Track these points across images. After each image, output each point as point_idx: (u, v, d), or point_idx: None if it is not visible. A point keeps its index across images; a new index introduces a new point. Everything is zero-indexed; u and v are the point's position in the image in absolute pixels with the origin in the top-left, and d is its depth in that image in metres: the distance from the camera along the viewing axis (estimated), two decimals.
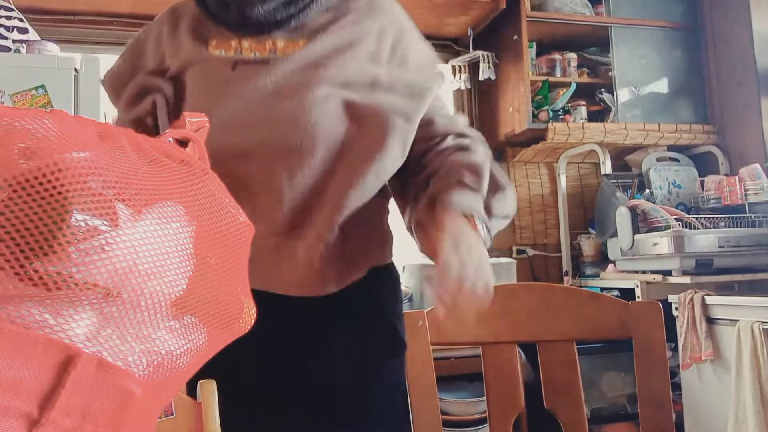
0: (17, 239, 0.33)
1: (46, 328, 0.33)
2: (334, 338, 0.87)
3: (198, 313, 0.37)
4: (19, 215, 0.33)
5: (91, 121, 0.36)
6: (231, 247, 0.41)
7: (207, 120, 0.47)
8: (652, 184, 2.82)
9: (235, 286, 0.41)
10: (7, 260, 0.33)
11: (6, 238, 0.33)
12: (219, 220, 0.41)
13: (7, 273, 0.33)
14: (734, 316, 2.13)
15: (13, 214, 0.33)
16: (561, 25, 2.91)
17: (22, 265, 0.33)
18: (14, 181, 0.33)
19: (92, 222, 0.33)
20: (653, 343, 1.01)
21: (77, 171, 0.33)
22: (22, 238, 0.33)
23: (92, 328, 0.34)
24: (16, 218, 0.33)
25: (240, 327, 0.41)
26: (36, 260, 0.33)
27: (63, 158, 0.33)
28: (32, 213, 0.33)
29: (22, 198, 0.33)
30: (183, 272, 0.36)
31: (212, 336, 0.39)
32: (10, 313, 0.33)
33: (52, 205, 0.32)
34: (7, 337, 0.33)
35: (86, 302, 0.33)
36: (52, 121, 0.34)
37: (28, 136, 0.33)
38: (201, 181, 0.41)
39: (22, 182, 0.32)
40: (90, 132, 0.35)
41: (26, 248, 0.33)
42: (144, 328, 0.35)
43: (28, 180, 0.32)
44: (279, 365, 0.85)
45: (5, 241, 0.33)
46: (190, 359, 0.38)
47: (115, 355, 0.34)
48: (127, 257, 0.34)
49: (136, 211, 0.35)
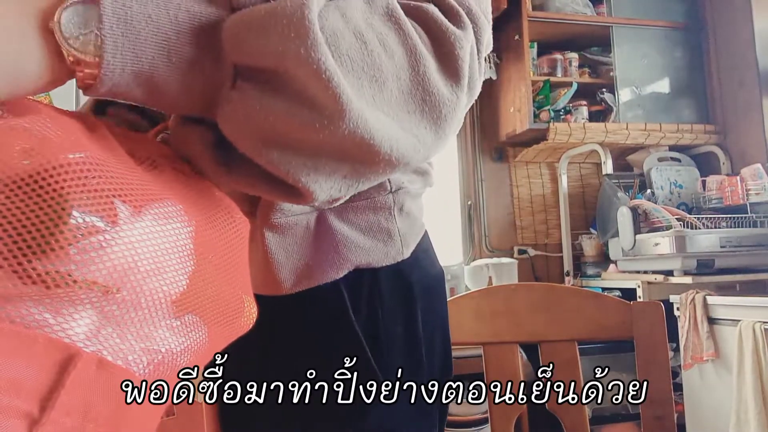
0: (15, 237, 0.33)
1: (46, 327, 0.33)
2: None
3: (199, 311, 0.37)
4: (16, 213, 0.33)
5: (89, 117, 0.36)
6: (230, 244, 0.41)
7: None
8: (653, 184, 2.82)
9: (235, 283, 0.41)
10: (6, 258, 0.33)
11: (4, 237, 0.33)
12: (217, 217, 0.41)
13: (6, 271, 0.33)
14: (736, 316, 2.12)
15: (10, 212, 0.33)
16: (562, 24, 2.91)
17: (20, 264, 0.33)
18: (18, 177, 0.32)
19: (91, 220, 0.33)
20: (655, 344, 1.00)
21: (77, 169, 0.33)
22: (20, 236, 0.33)
23: (92, 327, 0.34)
24: (13, 216, 0.33)
25: (241, 324, 0.41)
26: (35, 258, 0.33)
27: (63, 158, 0.33)
28: (29, 211, 0.33)
29: (18, 197, 0.33)
30: (183, 270, 0.35)
31: (213, 334, 0.39)
32: (9, 312, 0.33)
33: (50, 204, 0.32)
34: (7, 337, 0.33)
35: (86, 301, 0.33)
36: (51, 121, 0.34)
37: (28, 135, 0.33)
38: (198, 177, 0.40)
39: (19, 181, 0.32)
40: (88, 129, 0.35)
41: (24, 247, 0.33)
42: (144, 327, 0.35)
43: (24, 179, 0.32)
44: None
45: (3, 240, 0.33)
46: (190, 357, 0.38)
47: (115, 354, 0.34)
48: (127, 255, 0.33)
49: (136, 210, 0.35)
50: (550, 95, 2.85)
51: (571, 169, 3.13)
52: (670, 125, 2.90)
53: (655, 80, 2.99)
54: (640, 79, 2.95)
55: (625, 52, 2.94)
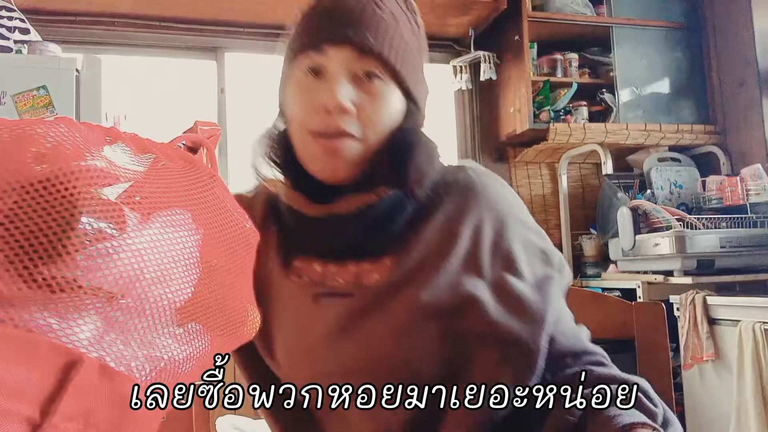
0: (22, 242, 0.33)
1: (50, 333, 0.33)
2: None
3: (202, 319, 0.37)
4: (23, 218, 0.33)
5: (98, 127, 0.36)
6: (237, 253, 0.41)
7: (219, 128, 0.47)
8: (653, 185, 2.82)
9: (240, 292, 0.41)
10: (12, 262, 0.33)
11: (11, 241, 0.33)
12: (225, 226, 0.41)
13: (11, 275, 0.33)
14: (736, 316, 2.12)
15: (18, 217, 0.33)
16: (562, 25, 2.91)
17: (26, 268, 0.33)
18: (27, 182, 0.32)
19: (100, 227, 0.33)
20: (655, 344, 1.00)
21: (87, 176, 0.33)
22: (27, 240, 0.33)
23: (96, 332, 0.34)
24: (21, 221, 0.33)
25: (244, 334, 0.41)
26: (41, 263, 0.33)
27: (74, 165, 0.33)
28: (37, 216, 0.33)
29: (26, 201, 0.33)
30: (188, 279, 0.35)
31: (216, 342, 0.39)
32: (13, 316, 0.33)
33: (59, 210, 0.32)
34: (11, 341, 0.33)
35: (91, 307, 0.33)
36: (66, 128, 0.34)
37: (42, 141, 0.33)
38: (208, 186, 0.40)
39: (28, 187, 0.32)
40: (99, 137, 0.35)
41: (31, 251, 0.33)
42: (148, 334, 0.35)
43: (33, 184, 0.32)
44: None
45: (10, 244, 0.33)
46: (192, 365, 0.38)
47: (118, 360, 0.34)
48: (133, 263, 0.33)
49: (144, 217, 0.35)
50: (550, 95, 2.85)
51: (571, 169, 3.13)
52: (670, 125, 2.90)
53: (655, 80, 2.99)
54: (640, 80, 2.95)
55: (625, 52, 2.94)
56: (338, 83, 0.68)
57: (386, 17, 0.71)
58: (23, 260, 0.33)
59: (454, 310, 0.70)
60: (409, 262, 0.71)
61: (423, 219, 0.74)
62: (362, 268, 0.73)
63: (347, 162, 0.70)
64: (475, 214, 0.74)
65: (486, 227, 0.74)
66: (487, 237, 0.73)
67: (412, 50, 0.74)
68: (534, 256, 0.76)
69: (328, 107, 0.68)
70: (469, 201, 0.75)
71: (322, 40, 0.70)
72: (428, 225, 0.74)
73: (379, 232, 0.73)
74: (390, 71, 0.71)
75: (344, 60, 0.69)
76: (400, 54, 0.72)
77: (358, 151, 0.70)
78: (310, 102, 0.70)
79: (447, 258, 0.71)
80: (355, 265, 0.74)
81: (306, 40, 0.71)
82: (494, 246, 0.73)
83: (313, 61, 0.71)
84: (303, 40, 0.72)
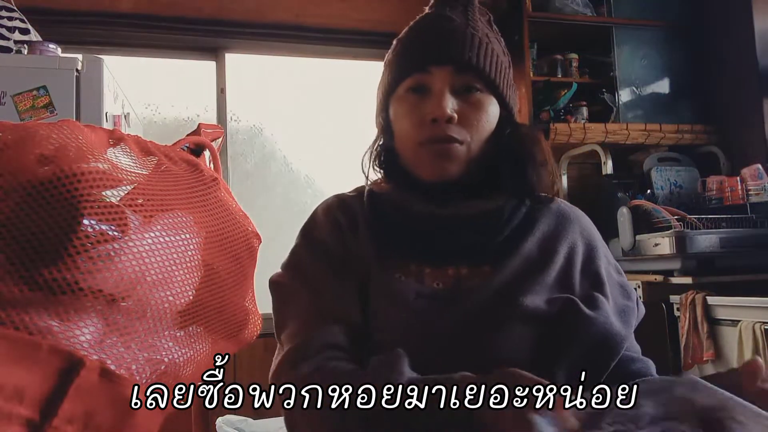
0: (23, 243, 0.33)
1: (50, 335, 0.33)
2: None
3: (203, 323, 0.37)
4: (24, 220, 0.33)
5: (101, 129, 0.36)
6: (239, 256, 0.41)
7: (222, 130, 0.47)
8: (653, 185, 2.82)
9: (241, 295, 0.41)
10: (13, 264, 0.33)
11: (13, 243, 0.33)
12: (227, 229, 0.41)
13: (13, 277, 0.33)
14: (736, 316, 2.12)
15: (18, 219, 0.33)
16: (562, 25, 2.91)
17: (28, 270, 0.33)
18: (29, 184, 0.32)
19: (102, 230, 0.33)
20: (655, 344, 1.00)
21: (90, 178, 0.33)
22: (29, 242, 0.33)
23: (97, 335, 0.34)
24: (22, 223, 0.33)
25: (245, 336, 0.41)
26: (43, 266, 0.33)
27: (78, 167, 0.33)
28: (39, 218, 0.32)
29: (27, 203, 0.33)
30: (190, 281, 0.35)
31: (216, 345, 0.39)
32: (14, 318, 0.33)
33: (60, 212, 0.32)
34: (11, 343, 0.33)
35: (92, 309, 0.33)
36: (70, 131, 0.34)
37: (46, 144, 0.33)
38: (211, 189, 0.40)
39: (30, 188, 0.32)
40: (102, 140, 0.35)
41: (32, 252, 0.33)
42: (149, 337, 0.35)
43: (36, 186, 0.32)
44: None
45: (12, 246, 0.33)
46: (193, 368, 0.38)
47: (118, 362, 0.34)
48: (135, 265, 0.33)
49: (146, 220, 0.34)
50: (550, 95, 2.85)
51: (571, 169, 3.13)
52: (670, 125, 2.90)
53: (655, 80, 2.99)
54: (640, 80, 2.95)
55: (625, 53, 2.94)
56: (444, 96, 0.77)
57: (481, 37, 0.81)
58: (25, 262, 0.32)
59: (551, 314, 0.75)
60: (507, 271, 0.77)
61: (522, 234, 0.82)
62: (461, 272, 0.79)
63: (454, 163, 0.79)
64: (570, 237, 0.83)
65: (579, 250, 0.83)
66: (579, 259, 0.82)
67: (503, 64, 0.84)
68: (614, 287, 0.83)
69: (436, 117, 0.77)
70: (565, 225, 0.85)
71: (428, 63, 0.79)
72: (527, 240, 0.81)
73: (487, 238, 0.80)
74: (487, 82, 0.80)
75: (446, 76, 0.78)
76: (494, 67, 0.81)
77: (463, 154, 0.79)
78: (418, 117, 0.79)
79: (545, 271, 0.78)
80: (454, 270, 0.79)
81: (411, 64, 0.81)
82: (584, 268, 0.82)
83: (415, 81, 0.80)
84: (408, 64, 0.81)
